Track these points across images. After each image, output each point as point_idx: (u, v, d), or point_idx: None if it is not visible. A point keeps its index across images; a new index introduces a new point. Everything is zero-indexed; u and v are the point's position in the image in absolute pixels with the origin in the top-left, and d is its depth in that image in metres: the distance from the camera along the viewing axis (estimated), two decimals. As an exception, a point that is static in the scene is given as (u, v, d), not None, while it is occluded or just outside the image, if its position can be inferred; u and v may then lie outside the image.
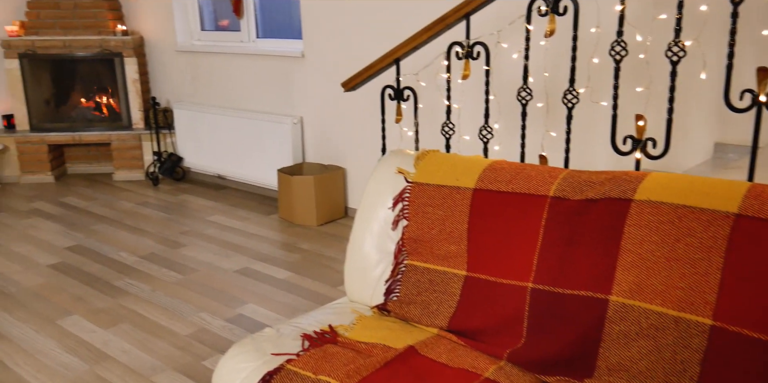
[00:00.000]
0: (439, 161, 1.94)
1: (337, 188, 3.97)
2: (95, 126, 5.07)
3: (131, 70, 4.95)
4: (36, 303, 2.94)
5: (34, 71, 4.95)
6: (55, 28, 4.94)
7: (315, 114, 4.10)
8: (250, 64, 4.39)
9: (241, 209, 4.29)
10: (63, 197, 4.66)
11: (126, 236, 3.81)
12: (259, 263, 3.37)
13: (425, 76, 3.24)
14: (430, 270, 1.87)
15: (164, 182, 5.01)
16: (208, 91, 4.76)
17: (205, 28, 4.90)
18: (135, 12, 5.12)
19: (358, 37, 3.71)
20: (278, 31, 4.45)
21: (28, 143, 4.95)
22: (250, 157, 4.42)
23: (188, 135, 4.82)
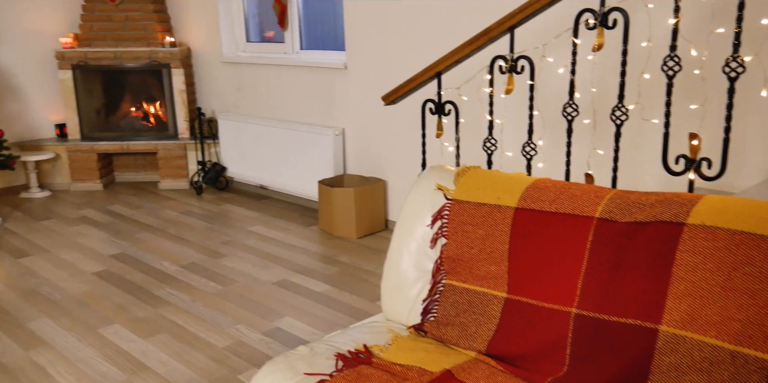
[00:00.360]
0: (479, 178, 1.89)
1: (378, 201, 3.94)
2: (143, 135, 5.18)
3: (178, 81, 5.04)
4: (79, 311, 2.99)
5: (86, 82, 5.09)
6: (107, 40, 5.06)
7: (357, 126, 4.09)
8: (293, 76, 4.42)
9: (281, 220, 4.30)
10: (110, 204, 4.75)
11: (169, 245, 3.86)
12: (298, 275, 3.36)
13: (467, 90, 3.19)
14: (469, 291, 1.81)
15: (208, 191, 5.07)
16: (252, 102, 4.81)
17: (250, 40, 4.96)
18: (183, 24, 5.21)
19: (401, 50, 3.69)
20: (322, 42, 4.47)
21: (78, 152, 5.07)
22: (292, 168, 4.43)
23: (232, 145, 4.87)
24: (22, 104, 5.09)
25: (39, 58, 5.09)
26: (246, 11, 4.91)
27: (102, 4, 5.03)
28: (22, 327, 2.84)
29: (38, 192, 5.02)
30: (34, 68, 5.09)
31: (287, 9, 4.41)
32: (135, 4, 5.03)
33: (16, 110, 5.08)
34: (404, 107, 3.71)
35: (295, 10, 4.41)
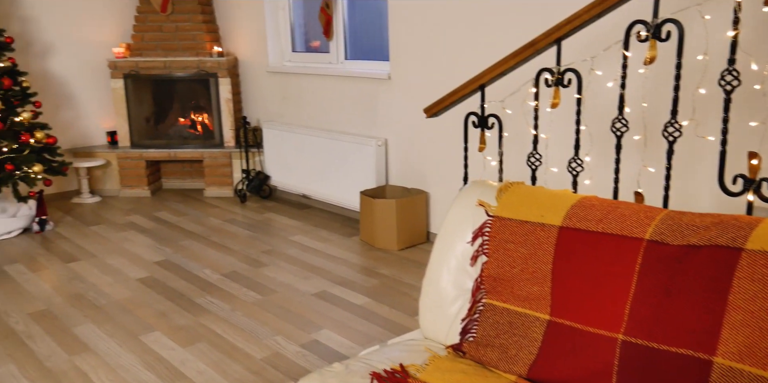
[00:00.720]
0: (523, 195, 1.83)
1: (420, 213, 3.90)
2: (190, 143, 5.26)
3: (225, 90, 5.11)
4: (122, 317, 3.03)
5: (136, 90, 5.20)
6: (157, 50, 5.18)
7: (400, 136, 4.06)
8: (337, 86, 4.42)
9: (323, 230, 4.30)
10: (157, 211, 4.84)
11: (211, 252, 3.89)
12: (338, 287, 3.34)
13: (511, 103, 3.13)
14: (510, 311, 1.75)
15: (251, 199, 5.11)
16: (297, 111, 4.83)
17: (296, 50, 4.99)
18: (231, 34, 5.29)
19: (445, 61, 3.65)
20: (366, 52, 4.46)
21: (128, 159, 5.19)
22: (335, 178, 4.43)
23: (276, 154, 4.90)
24: (76, 111, 5.24)
25: (93, 68, 5.24)
26: (292, 21, 4.95)
27: (154, 14, 5.15)
28: (68, 331, 2.90)
29: (89, 198, 5.14)
30: (88, 77, 5.23)
31: (333, 19, 4.43)
32: (185, 14, 5.13)
33: (71, 118, 5.23)
34: (448, 118, 3.66)
35: (341, 21, 4.42)
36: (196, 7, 5.12)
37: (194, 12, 5.12)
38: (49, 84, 5.06)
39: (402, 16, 3.85)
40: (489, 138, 3.02)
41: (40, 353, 2.71)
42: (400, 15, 3.86)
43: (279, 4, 4.92)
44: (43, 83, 5.02)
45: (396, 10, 3.88)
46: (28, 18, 4.89)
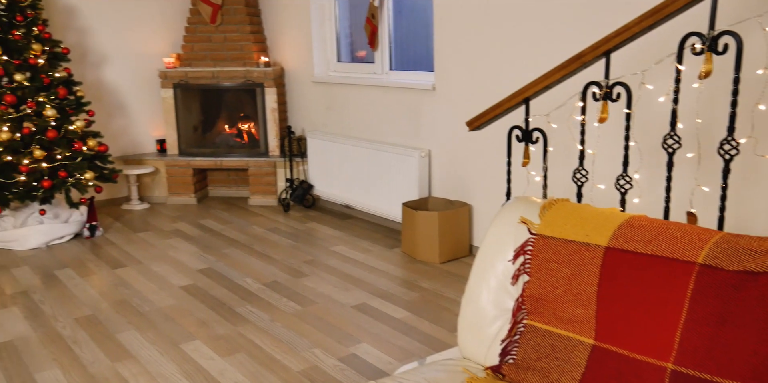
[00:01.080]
0: (568, 212, 1.77)
1: (462, 226, 3.84)
2: (235, 152, 5.33)
3: (270, 100, 5.16)
4: (165, 325, 3.06)
5: (185, 100, 5.31)
6: (206, 60, 5.27)
7: (443, 148, 4.02)
8: (381, 96, 4.41)
9: (365, 241, 4.28)
10: (202, 219, 4.91)
11: (253, 261, 3.92)
12: (378, 299, 3.31)
13: (557, 117, 3.05)
14: (552, 334, 1.69)
15: (295, 208, 5.14)
16: (341, 121, 4.85)
17: (341, 60, 5.01)
18: (278, 44, 5.35)
19: (490, 72, 3.60)
20: (411, 63, 4.44)
21: (176, 167, 5.29)
22: (377, 188, 4.41)
23: (319, 164, 4.92)
24: (127, 120, 5.38)
25: (144, 77, 5.37)
26: (338, 32, 4.97)
27: (203, 25, 5.25)
28: (112, 338, 2.94)
29: (138, 204, 5.26)
30: (139, 87, 5.37)
31: (378, 29, 4.43)
32: (233, 25, 5.21)
33: (122, 126, 5.36)
34: (493, 130, 3.60)
35: (386, 31, 4.42)
36: (245, 18, 5.20)
37: (242, 23, 5.20)
38: (103, 93, 5.21)
39: (448, 26, 3.82)
40: (533, 153, 2.95)
41: (84, 358, 2.76)
42: (445, 25, 3.83)
43: (325, 14, 4.95)
44: (97, 93, 5.17)
45: (442, 21, 3.85)
46: (85, 29, 5.05)
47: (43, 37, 4.23)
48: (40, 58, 4.17)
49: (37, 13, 4.20)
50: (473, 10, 3.64)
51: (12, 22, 4.10)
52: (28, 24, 4.15)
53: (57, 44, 4.34)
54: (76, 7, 4.98)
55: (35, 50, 4.12)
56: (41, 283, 3.62)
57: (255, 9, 5.36)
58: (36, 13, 4.19)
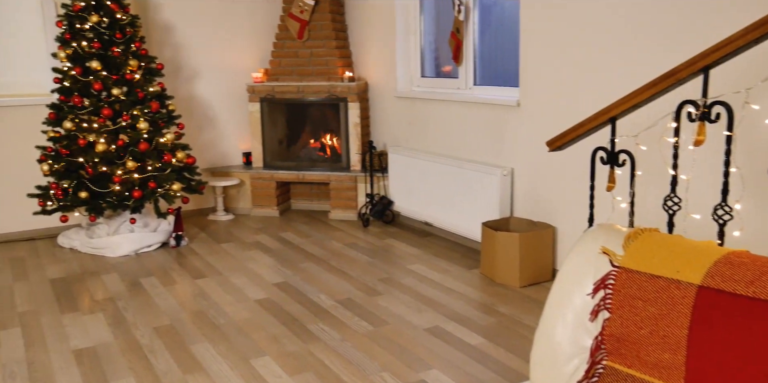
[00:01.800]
0: (656, 244, 1.60)
1: (545, 248, 3.66)
2: (318, 166, 5.37)
3: (354, 115, 5.17)
4: (237, 338, 3.07)
5: (271, 114, 5.41)
6: (293, 75, 5.35)
7: (527, 167, 3.86)
8: (464, 112, 4.31)
9: (442, 260, 4.17)
10: (283, 232, 4.96)
11: (329, 277, 3.89)
12: (452, 323, 3.19)
13: (647, 139, 2.80)
14: (635, 379, 1.53)
15: (374, 224, 5.10)
16: (423, 137, 4.77)
17: (425, 75, 4.95)
18: (362, 59, 5.36)
19: (577, 88, 3.42)
20: (496, 78, 4.32)
21: (260, 179, 5.38)
22: (458, 206, 4.30)
23: (400, 179, 4.86)
24: (216, 133, 5.54)
25: (233, 92, 5.52)
26: (422, 46, 4.92)
27: (291, 41, 5.34)
28: (186, 349, 2.98)
29: (223, 215, 5.38)
30: (228, 101, 5.52)
31: (463, 44, 4.34)
32: (320, 40, 5.27)
33: (211, 139, 5.53)
34: (580, 149, 3.42)
35: (471, 46, 4.32)
36: (331, 33, 5.25)
37: (328, 38, 5.25)
38: (194, 107, 5.39)
39: (534, 40, 3.67)
40: (619, 176, 2.73)
41: (158, 368, 2.80)
42: (532, 40, 3.69)
43: (410, 29, 4.92)
44: (188, 106, 5.36)
45: (528, 35, 3.71)
46: (180, 45, 5.25)
47: (139, 54, 4.42)
48: (136, 73, 4.36)
49: (135, 30, 4.40)
50: (561, 24, 3.48)
51: (112, 40, 4.31)
52: (127, 41, 4.35)
53: (152, 60, 4.52)
54: (174, 25, 5.20)
55: (132, 66, 4.31)
56: (127, 290, 3.75)
57: (341, 24, 5.40)
58: (134, 31, 4.39)
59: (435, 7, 4.85)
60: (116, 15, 4.30)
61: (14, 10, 4.68)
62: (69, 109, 4.27)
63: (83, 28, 4.24)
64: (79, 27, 4.23)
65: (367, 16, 5.21)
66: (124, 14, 4.33)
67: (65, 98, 4.28)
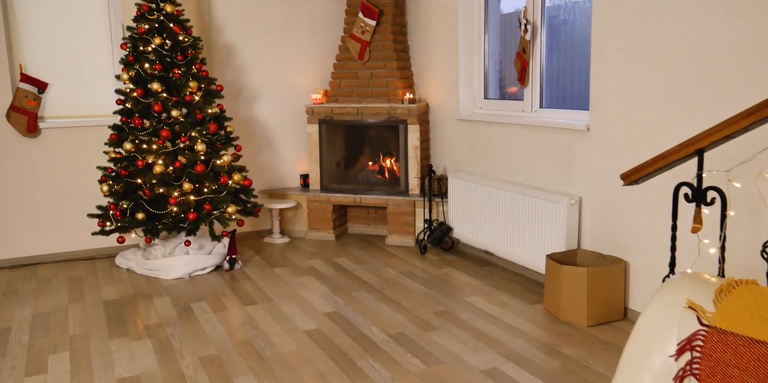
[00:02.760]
0: (754, 300, 1.36)
1: (616, 285, 3.37)
2: (375, 189, 5.23)
3: (413, 137, 5.01)
4: (283, 373, 2.92)
5: (330, 135, 5.32)
6: (352, 96, 5.26)
7: (597, 196, 3.59)
8: (529, 136, 4.08)
9: (503, 293, 3.92)
10: (338, 257, 4.82)
11: (382, 308, 3.71)
12: (511, 364, 2.95)
13: (741, 174, 2.47)
14: None
15: (432, 251, 4.90)
16: (485, 161, 4.56)
17: (488, 97, 4.75)
18: (424, 80, 5.21)
19: (656, 114, 3.15)
20: (564, 101, 4.08)
21: (317, 202, 5.28)
22: (521, 235, 4.05)
23: (460, 205, 4.65)
24: (274, 154, 5.49)
25: (293, 113, 5.47)
26: (486, 67, 4.73)
27: (351, 62, 5.25)
28: (230, 382, 2.85)
29: (279, 238, 5.30)
30: (287, 122, 5.47)
31: (529, 65, 4.12)
32: (380, 61, 5.17)
33: (269, 160, 5.48)
34: (658, 178, 3.13)
35: (537, 67, 4.10)
36: (392, 53, 5.13)
37: (389, 59, 5.14)
38: (254, 128, 5.36)
39: (607, 60, 3.43)
40: (707, 216, 2.38)
41: (199, 403, 2.68)
42: (604, 59, 3.45)
43: (474, 49, 4.74)
44: (248, 127, 5.33)
45: (600, 54, 3.47)
46: (241, 67, 5.25)
47: (200, 75, 4.41)
48: (195, 95, 4.35)
49: (196, 52, 4.40)
50: (638, 43, 3.23)
51: (174, 62, 4.32)
52: (188, 63, 4.36)
53: (212, 82, 4.51)
54: (236, 46, 5.20)
55: (192, 87, 4.30)
56: (177, 315, 3.67)
57: (403, 45, 5.28)
58: (195, 53, 4.39)
59: (500, 26, 4.66)
60: (179, 37, 4.31)
61: (87, 33, 4.78)
62: (130, 130, 4.29)
63: (146, 51, 4.27)
64: (143, 49, 4.26)
65: (429, 36, 5.07)
66: (186, 36, 4.34)
67: (126, 120, 4.31)
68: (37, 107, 4.61)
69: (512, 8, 4.56)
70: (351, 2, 5.28)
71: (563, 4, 4.02)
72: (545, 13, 4.04)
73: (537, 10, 4.04)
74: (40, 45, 4.66)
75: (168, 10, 4.28)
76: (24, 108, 4.57)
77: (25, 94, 4.56)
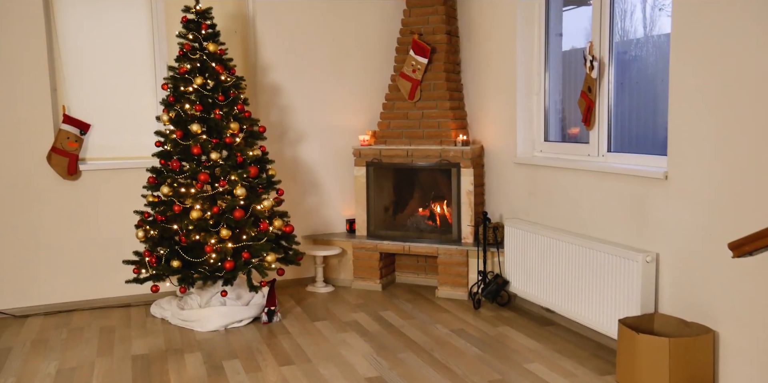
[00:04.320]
0: None
1: (703, 358, 2.90)
2: (425, 237, 4.88)
3: (466, 182, 4.66)
4: (315, 454, 2.56)
5: (377, 179, 5.03)
6: (401, 138, 4.97)
7: (677, 252, 3.15)
8: (597, 183, 3.68)
9: (568, 360, 3.48)
10: (384, 310, 4.46)
11: (430, 374, 3.32)
12: (581, 455, 2.50)
13: None
14: None
15: (486, 306, 4.48)
16: (545, 210, 4.16)
17: (549, 139, 4.39)
18: (479, 121, 4.90)
19: (749, 160, 2.72)
20: (635, 144, 3.68)
21: (363, 249, 4.96)
22: (587, 294, 3.61)
23: (518, 257, 4.25)
24: (319, 198, 5.23)
25: (339, 155, 5.22)
26: (547, 107, 4.38)
27: (401, 102, 4.99)
28: None
29: (322, 287, 4.99)
30: (334, 164, 5.22)
31: (595, 105, 3.76)
32: (432, 101, 4.88)
33: (314, 204, 5.22)
34: (751, 235, 2.69)
35: (605, 106, 3.73)
36: (444, 93, 4.84)
37: (442, 98, 4.85)
38: (298, 171, 5.13)
39: (687, 100, 3.04)
40: None
41: None
42: (684, 99, 3.05)
43: (533, 88, 4.41)
44: (292, 170, 5.10)
45: (681, 94, 3.08)
46: (287, 107, 5.05)
47: (242, 116, 4.22)
48: (237, 136, 4.15)
49: (239, 92, 4.22)
50: (723, 79, 2.83)
51: (215, 102, 4.14)
52: (230, 103, 4.17)
53: (255, 123, 4.31)
54: (282, 86, 5.02)
55: (233, 129, 4.10)
56: (206, 375, 3.37)
57: (456, 84, 4.99)
58: (237, 93, 4.21)
59: (562, 63, 4.32)
60: (221, 77, 4.14)
61: (132, 74, 4.68)
62: (168, 173, 4.10)
63: (187, 91, 4.10)
64: (183, 89, 4.10)
65: (484, 75, 4.77)
66: (228, 76, 4.17)
67: (165, 162, 4.12)
68: (78, 149, 4.49)
69: (569, 45, 4.23)
70: (402, 40, 5.05)
71: (634, 39, 3.66)
72: (614, 48, 3.68)
73: (605, 45, 3.69)
74: (85, 86, 4.57)
75: (211, 49, 4.12)
76: (65, 150, 4.45)
77: (66, 135, 4.46)
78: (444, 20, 4.88)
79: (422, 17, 4.95)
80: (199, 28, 4.14)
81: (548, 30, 4.34)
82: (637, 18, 3.66)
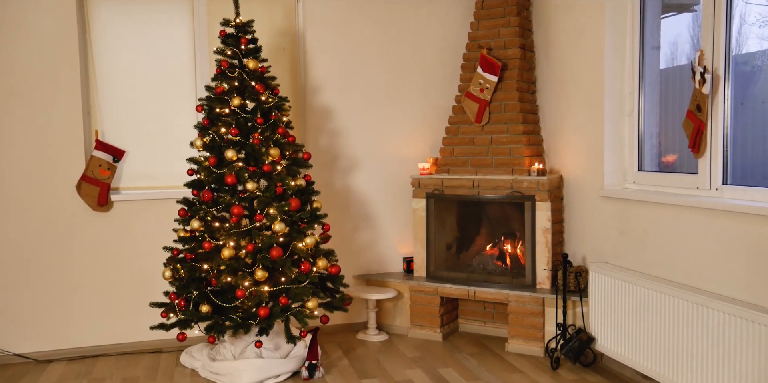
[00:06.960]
0: None
1: None
2: (493, 280, 4.21)
3: (543, 217, 3.99)
4: None
5: (439, 212, 4.42)
6: (467, 166, 4.36)
7: (829, 319, 2.38)
8: (707, 223, 2.95)
9: (675, 450, 2.73)
10: (444, 366, 3.81)
11: None
12: None
13: None
14: None
15: (566, 366, 3.76)
16: (640, 253, 3.44)
17: (643, 168, 3.68)
18: (557, 147, 4.23)
19: None
20: (759, 176, 2.94)
21: (421, 293, 4.35)
22: (697, 362, 2.87)
23: (606, 309, 3.53)
24: (374, 233, 4.66)
25: (396, 185, 4.66)
26: (641, 132, 3.69)
27: (467, 125, 4.40)
28: None
29: (375, 335, 4.40)
30: (390, 195, 4.66)
31: (706, 127, 3.05)
32: (502, 124, 4.26)
33: (368, 240, 4.66)
34: None
35: (719, 129, 3.02)
36: (517, 115, 4.22)
37: (514, 121, 4.23)
38: (350, 202, 4.59)
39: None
40: None
41: None
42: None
43: (625, 109, 3.73)
44: (343, 201, 4.57)
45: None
46: (339, 131, 4.55)
47: (283, 141, 3.73)
48: (277, 164, 3.66)
49: (281, 114, 3.74)
50: None
51: (254, 125, 3.67)
52: (270, 126, 3.69)
53: (299, 149, 3.81)
54: (334, 108, 4.53)
55: (273, 155, 3.61)
56: (227, 449, 2.81)
57: (531, 105, 4.36)
58: (279, 115, 3.73)
59: (661, 79, 3.63)
60: (261, 97, 3.67)
61: (171, 96, 4.31)
62: (200, 206, 3.64)
63: (223, 113, 3.65)
64: (219, 111, 3.66)
65: (564, 94, 4.12)
66: (270, 96, 3.70)
67: (197, 193, 3.67)
68: (110, 178, 4.11)
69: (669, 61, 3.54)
70: (468, 56, 4.48)
71: (759, 50, 2.94)
72: (731, 60, 2.98)
73: (719, 55, 2.99)
74: (120, 109, 4.21)
75: (250, 66, 3.67)
76: (96, 178, 4.08)
77: (99, 163, 4.09)
78: (517, 33, 4.29)
79: (492, 30, 4.37)
80: (238, 43, 3.70)
81: (643, 42, 3.67)
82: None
